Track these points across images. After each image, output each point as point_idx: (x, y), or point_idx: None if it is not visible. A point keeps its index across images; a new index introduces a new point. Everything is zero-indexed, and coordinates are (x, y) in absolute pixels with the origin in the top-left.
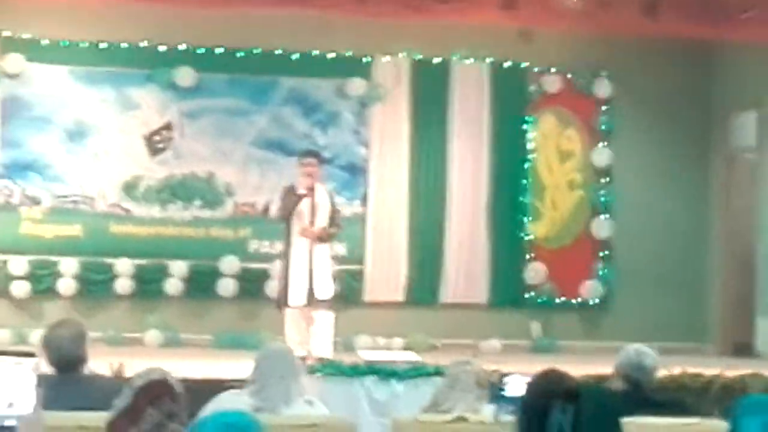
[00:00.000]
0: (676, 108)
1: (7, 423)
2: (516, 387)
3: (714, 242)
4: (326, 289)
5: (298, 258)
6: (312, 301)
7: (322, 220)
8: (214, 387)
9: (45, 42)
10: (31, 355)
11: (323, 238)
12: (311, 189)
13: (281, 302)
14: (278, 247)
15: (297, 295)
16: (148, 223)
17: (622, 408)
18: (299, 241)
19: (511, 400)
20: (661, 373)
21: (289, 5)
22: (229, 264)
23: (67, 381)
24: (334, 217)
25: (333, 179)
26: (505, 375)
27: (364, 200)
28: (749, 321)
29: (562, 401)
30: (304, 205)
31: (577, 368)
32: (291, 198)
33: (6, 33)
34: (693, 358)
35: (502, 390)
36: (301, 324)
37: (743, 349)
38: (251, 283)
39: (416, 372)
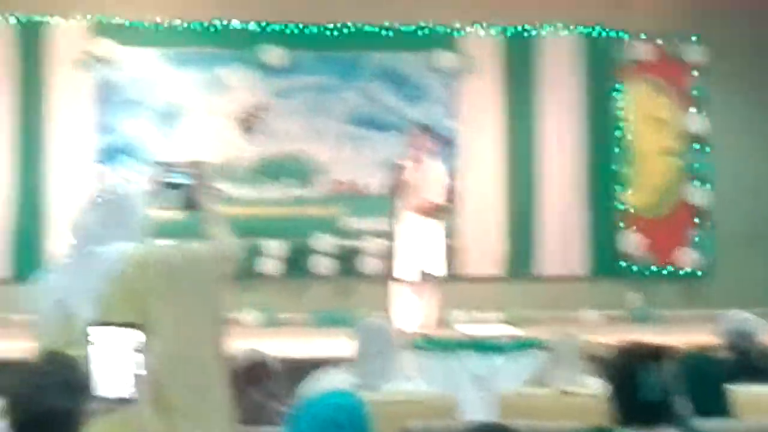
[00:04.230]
0: None
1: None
2: None
3: None
4: (436, 265)
5: (407, 233)
6: (422, 276)
7: (431, 195)
8: (313, 365)
9: (134, 25)
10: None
11: (431, 212)
12: (417, 162)
13: (390, 277)
14: (371, 223)
15: (407, 270)
16: (242, 204)
17: (728, 375)
18: (409, 216)
19: None
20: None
21: None
22: (324, 242)
23: None
24: (447, 192)
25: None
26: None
27: (456, 173)
28: None
29: (647, 363)
30: (412, 179)
31: (676, 337)
32: (395, 172)
33: (96, 18)
34: None
35: None
36: (409, 300)
37: None
38: (347, 261)
39: (516, 345)
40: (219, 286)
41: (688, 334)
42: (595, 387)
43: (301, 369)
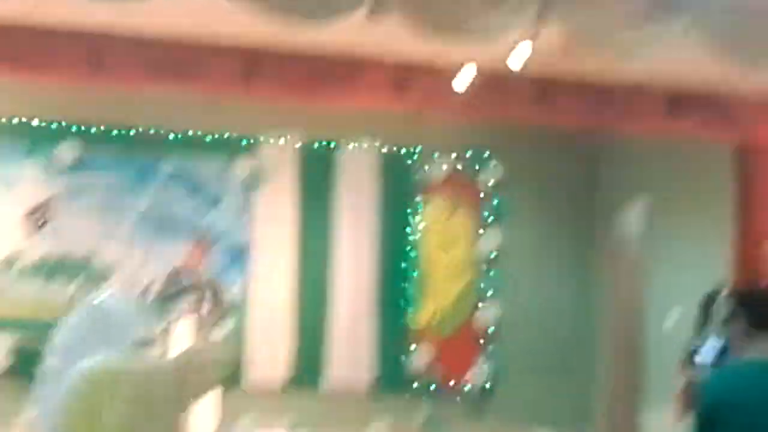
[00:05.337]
0: (564, 196)
1: None
2: None
3: (600, 330)
4: None
5: (177, 342)
6: None
7: (204, 303)
8: None
9: None
10: None
11: (205, 321)
12: (195, 270)
13: None
14: (159, 330)
15: None
16: (25, 303)
17: None
18: (180, 324)
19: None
20: None
21: (174, 83)
22: None
23: None
24: (218, 299)
25: (217, 261)
26: None
27: (246, 283)
28: (635, 412)
29: None
30: (185, 288)
31: None
32: (169, 280)
33: None
34: None
35: None
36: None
37: None
38: None
39: None
40: (175, 400)
41: None
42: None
43: None
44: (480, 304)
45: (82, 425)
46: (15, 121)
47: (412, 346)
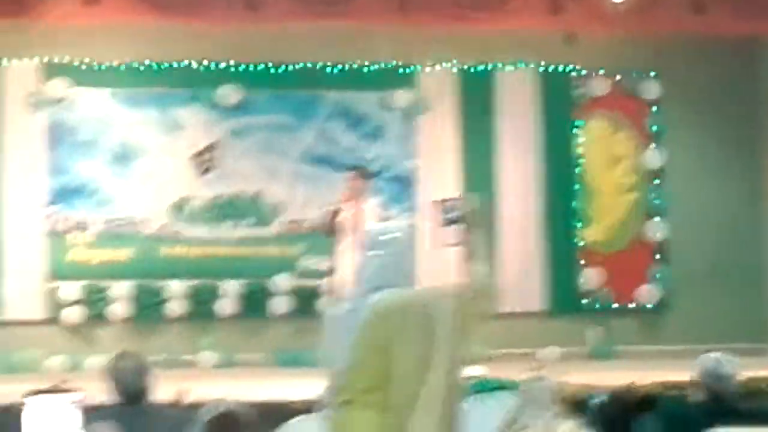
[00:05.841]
0: (727, 105)
1: None
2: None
3: None
4: None
5: (344, 273)
6: None
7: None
8: (275, 408)
9: (87, 65)
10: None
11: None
12: (355, 203)
13: None
14: (329, 263)
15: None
16: (197, 244)
17: (703, 420)
18: (346, 255)
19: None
20: None
21: (329, 18)
22: (281, 282)
23: (132, 412)
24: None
25: (382, 192)
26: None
27: (414, 211)
28: None
29: (640, 412)
30: (348, 221)
31: (637, 374)
32: (329, 215)
33: (48, 58)
34: (756, 359)
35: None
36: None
37: None
38: (304, 300)
39: (481, 387)
40: (461, 326)
41: (647, 370)
42: (570, 431)
43: (264, 413)
44: (648, 221)
45: (373, 359)
46: (177, 65)
47: (583, 265)
